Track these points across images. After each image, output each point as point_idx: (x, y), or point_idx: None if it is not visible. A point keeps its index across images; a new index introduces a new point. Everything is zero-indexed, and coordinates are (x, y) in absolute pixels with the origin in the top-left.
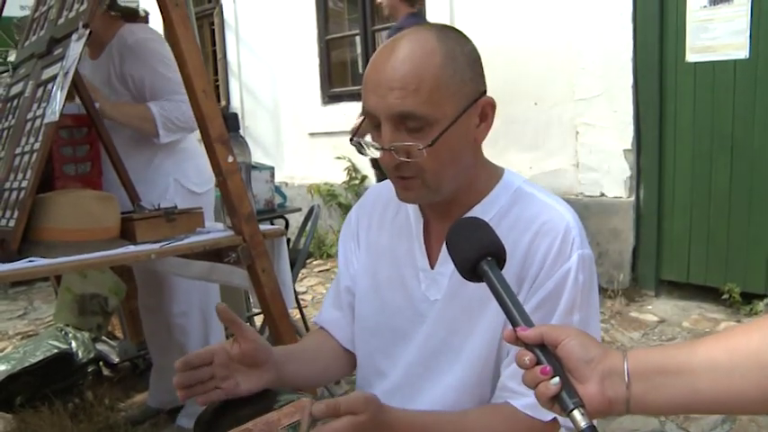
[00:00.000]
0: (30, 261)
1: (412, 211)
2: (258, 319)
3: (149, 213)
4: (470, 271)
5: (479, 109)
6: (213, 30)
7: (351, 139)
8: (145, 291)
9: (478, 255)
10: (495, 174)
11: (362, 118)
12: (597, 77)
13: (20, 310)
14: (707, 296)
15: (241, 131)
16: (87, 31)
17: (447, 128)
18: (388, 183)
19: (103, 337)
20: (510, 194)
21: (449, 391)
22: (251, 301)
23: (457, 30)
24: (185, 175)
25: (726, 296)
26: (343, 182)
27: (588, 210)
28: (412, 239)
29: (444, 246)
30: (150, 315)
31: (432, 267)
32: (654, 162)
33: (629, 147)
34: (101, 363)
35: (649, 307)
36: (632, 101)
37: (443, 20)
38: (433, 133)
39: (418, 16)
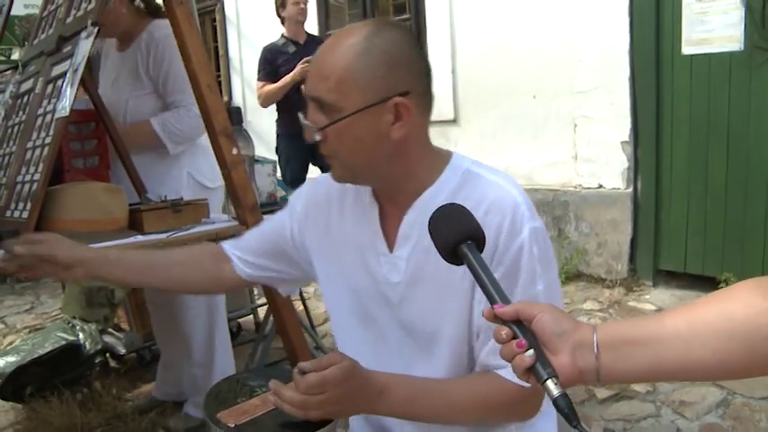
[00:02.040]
0: None
1: (367, 197)
2: (262, 311)
3: (156, 204)
4: (451, 254)
5: (391, 108)
6: (215, 26)
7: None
8: None
9: (459, 238)
10: (442, 159)
11: None
12: (595, 70)
13: (27, 305)
14: (704, 286)
15: (244, 126)
16: (96, 29)
17: (344, 117)
18: None
19: (110, 329)
20: (459, 177)
21: (424, 371)
22: (255, 292)
23: (399, 30)
24: (199, 170)
25: (723, 285)
26: None
27: (586, 201)
28: (371, 225)
29: (401, 230)
30: (156, 308)
31: (391, 251)
32: (651, 153)
33: (627, 139)
34: (108, 354)
35: (647, 297)
36: (629, 93)
37: (442, 14)
38: (333, 119)
39: None
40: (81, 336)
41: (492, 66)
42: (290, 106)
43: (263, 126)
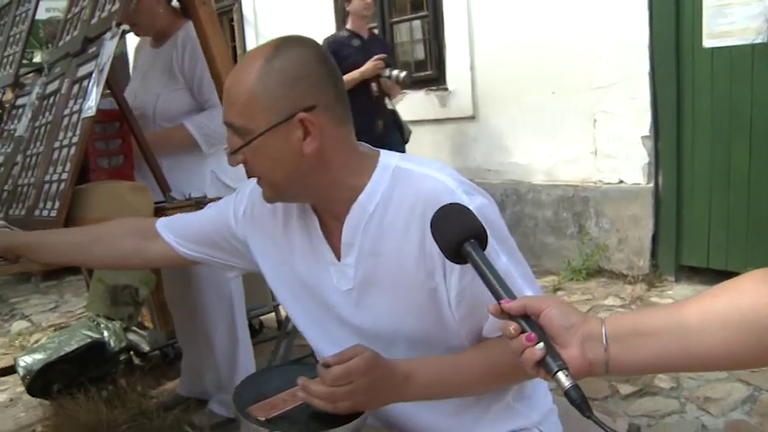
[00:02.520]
0: None
1: (308, 210)
2: (282, 308)
3: (181, 203)
4: (455, 253)
5: (298, 124)
6: (233, 26)
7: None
8: (171, 282)
9: (462, 238)
10: (369, 161)
11: None
12: (614, 66)
13: (51, 303)
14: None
15: None
16: (120, 30)
17: (253, 139)
18: None
19: (134, 328)
20: (389, 176)
21: None
22: None
23: (300, 46)
24: (223, 169)
25: None
26: None
27: (607, 197)
28: (313, 237)
29: (343, 238)
30: (177, 306)
31: (338, 260)
32: (672, 148)
33: (647, 133)
34: (132, 352)
35: (670, 292)
36: (649, 88)
37: (460, 11)
38: (246, 141)
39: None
40: (106, 334)
41: (510, 62)
42: (358, 102)
43: None
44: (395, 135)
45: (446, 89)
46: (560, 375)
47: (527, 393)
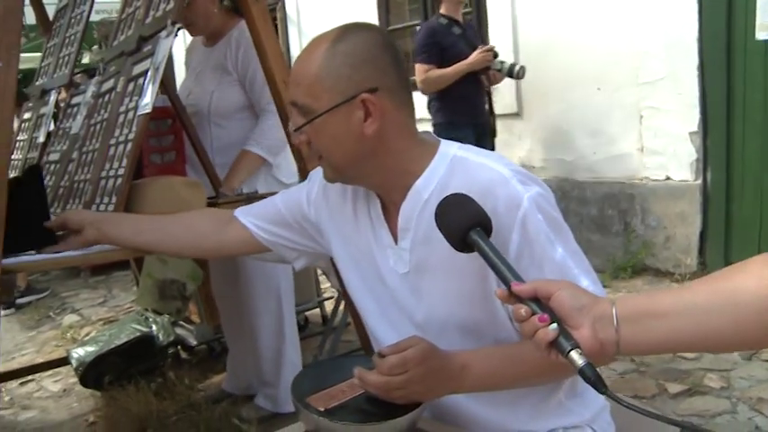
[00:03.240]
0: None
1: (369, 193)
2: (328, 304)
3: (232, 198)
4: (461, 242)
5: (359, 105)
6: (276, 25)
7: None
8: (219, 277)
9: (467, 226)
10: (429, 149)
11: None
12: (661, 60)
13: (100, 298)
14: None
15: None
16: (176, 28)
17: (316, 117)
18: None
19: (181, 322)
20: (447, 164)
21: None
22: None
23: (365, 30)
24: (277, 165)
25: None
26: None
27: (654, 194)
28: (375, 219)
29: (399, 223)
30: (225, 301)
31: (396, 243)
32: (721, 144)
33: (696, 129)
34: (179, 346)
35: None
36: (698, 82)
37: (504, 7)
38: (308, 120)
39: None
40: (154, 327)
41: (555, 58)
42: (460, 93)
43: None
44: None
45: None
46: (573, 354)
47: (579, 391)
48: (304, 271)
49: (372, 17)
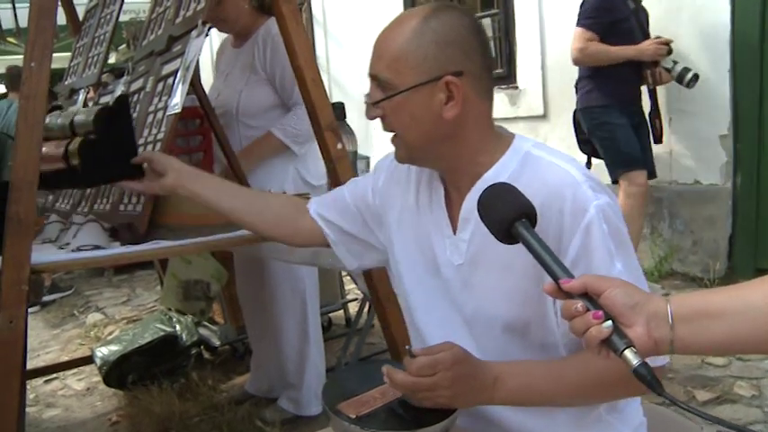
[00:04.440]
0: (155, 243)
1: (435, 180)
2: (352, 306)
3: None
4: (505, 234)
5: (443, 87)
6: None
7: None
8: (243, 278)
9: (512, 217)
10: (504, 141)
11: None
12: (691, 62)
13: (123, 297)
14: None
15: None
16: (207, 27)
17: (397, 93)
18: None
19: (205, 322)
20: (519, 159)
21: (490, 355)
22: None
23: (456, 12)
24: (306, 167)
25: None
26: None
27: (682, 197)
28: (436, 207)
29: (461, 213)
30: (249, 302)
31: (454, 233)
32: (753, 147)
33: (726, 132)
34: (202, 346)
35: None
36: (729, 85)
37: (531, 9)
38: (388, 95)
39: None
40: (178, 327)
41: None
42: (619, 76)
43: (350, 122)
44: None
45: (516, 87)
46: (628, 353)
47: (620, 407)
48: (328, 272)
49: (398, 10)
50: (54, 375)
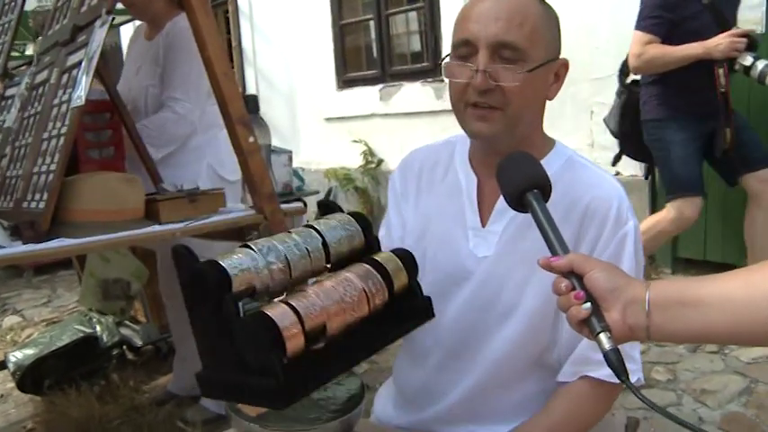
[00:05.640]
0: (60, 241)
1: (463, 171)
2: None
3: (173, 194)
4: (517, 200)
5: (557, 67)
6: (228, 18)
7: (439, 62)
8: (166, 275)
9: (526, 185)
10: (549, 141)
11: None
12: (612, 57)
13: (44, 298)
14: None
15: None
16: (110, 18)
17: (540, 65)
18: (433, 146)
19: (126, 322)
20: (563, 162)
21: (503, 345)
22: None
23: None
24: (220, 162)
25: None
26: (360, 166)
27: None
28: (462, 199)
29: (498, 203)
30: (173, 300)
31: (483, 226)
32: None
33: None
34: (125, 346)
35: None
36: None
37: (457, 2)
38: (525, 67)
39: None
40: (98, 328)
41: None
42: (686, 83)
43: (277, 117)
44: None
45: (442, 81)
46: (602, 337)
47: None
48: None
49: (325, 10)
50: None
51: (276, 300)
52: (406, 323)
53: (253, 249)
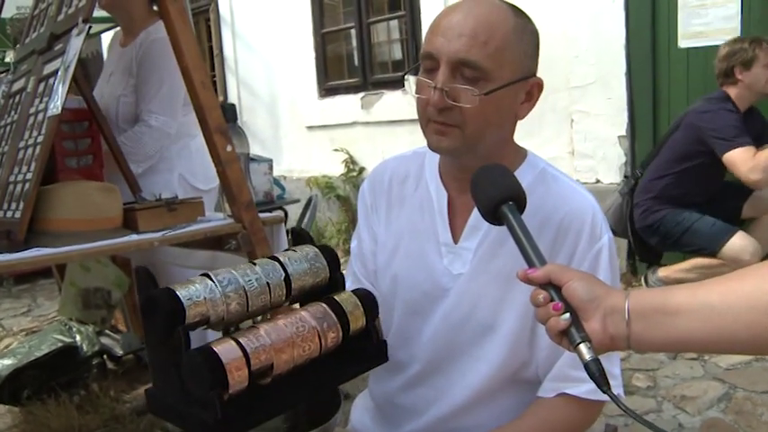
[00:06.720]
0: (36, 250)
1: (434, 186)
2: None
3: (151, 203)
4: (492, 213)
5: (528, 87)
6: (209, 26)
7: (402, 76)
8: None
9: (501, 198)
10: (520, 153)
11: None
12: (591, 65)
13: (23, 308)
14: None
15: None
16: (87, 26)
17: (501, 86)
18: (402, 157)
19: (107, 331)
20: (535, 174)
21: (478, 364)
22: None
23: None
24: (192, 172)
25: None
26: (341, 174)
27: None
28: (434, 214)
29: (470, 221)
30: None
31: (455, 242)
32: (648, 148)
33: (624, 133)
34: (105, 356)
35: None
36: (626, 88)
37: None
38: (486, 87)
39: None
40: (78, 338)
41: None
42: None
43: (258, 126)
44: None
45: None
46: (582, 347)
47: None
48: None
49: (306, 19)
50: None
51: (227, 335)
52: (360, 365)
53: (212, 280)
